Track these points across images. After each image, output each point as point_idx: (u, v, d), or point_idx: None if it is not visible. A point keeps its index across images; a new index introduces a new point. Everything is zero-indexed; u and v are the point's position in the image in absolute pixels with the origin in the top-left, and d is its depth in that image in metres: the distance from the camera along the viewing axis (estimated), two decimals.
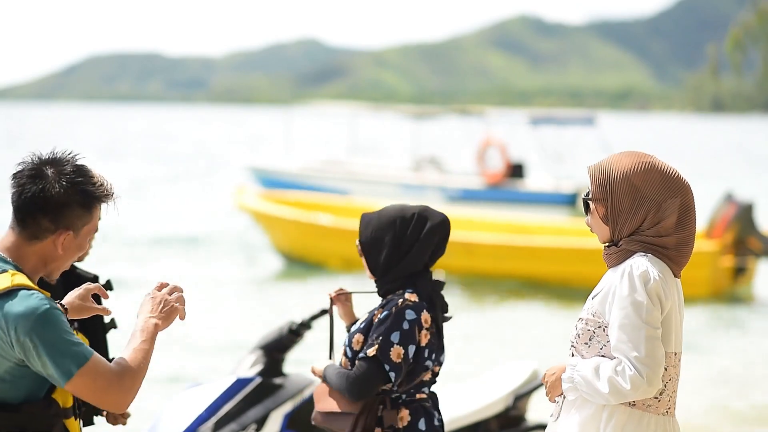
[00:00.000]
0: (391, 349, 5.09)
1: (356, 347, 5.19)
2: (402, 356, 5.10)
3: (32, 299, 3.77)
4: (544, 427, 7.74)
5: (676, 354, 4.31)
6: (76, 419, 4.00)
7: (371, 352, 5.09)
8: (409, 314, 5.13)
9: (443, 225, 5.24)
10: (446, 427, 7.44)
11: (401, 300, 5.15)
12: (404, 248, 5.21)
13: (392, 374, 5.11)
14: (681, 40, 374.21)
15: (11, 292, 3.78)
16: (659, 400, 4.29)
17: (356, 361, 5.15)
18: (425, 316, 5.15)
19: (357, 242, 5.33)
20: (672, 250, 4.29)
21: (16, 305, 3.75)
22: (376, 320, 5.17)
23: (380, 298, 5.32)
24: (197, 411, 6.82)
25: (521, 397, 7.72)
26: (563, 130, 31.70)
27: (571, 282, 18.48)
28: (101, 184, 3.93)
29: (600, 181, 4.34)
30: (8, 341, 3.78)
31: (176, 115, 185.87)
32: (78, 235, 3.91)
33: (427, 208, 5.26)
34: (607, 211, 4.33)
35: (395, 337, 5.09)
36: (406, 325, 5.11)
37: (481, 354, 14.07)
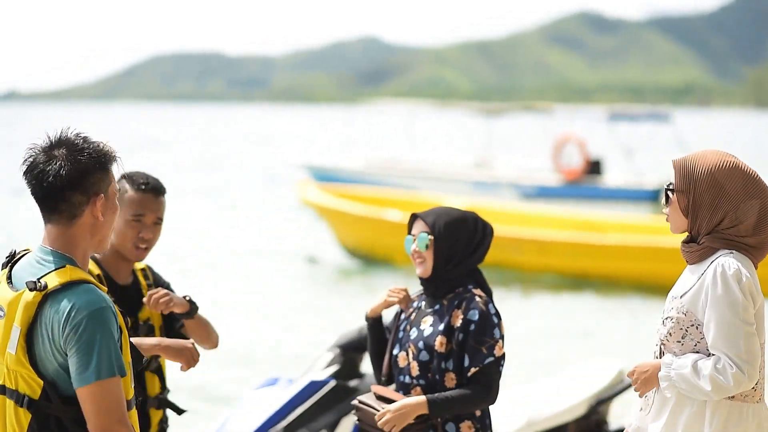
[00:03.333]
0: (497, 345, 5.05)
1: (440, 349, 5.05)
2: (502, 349, 5.09)
3: (94, 294, 3.75)
4: None
5: (762, 344, 4.42)
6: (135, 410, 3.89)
7: (499, 351, 5.04)
8: (491, 308, 5.09)
9: (493, 232, 5.32)
10: (524, 430, 7.31)
11: (477, 296, 5.10)
12: (474, 245, 5.20)
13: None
14: (742, 35, 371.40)
15: (73, 285, 3.75)
16: (755, 390, 4.40)
17: (479, 368, 5.01)
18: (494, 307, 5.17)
19: (419, 236, 5.18)
20: (753, 248, 4.40)
21: (77, 296, 3.72)
22: (462, 320, 5.06)
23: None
24: (267, 413, 6.67)
25: (604, 401, 7.44)
26: (638, 126, 31.17)
27: (646, 280, 18.23)
28: (104, 145, 3.93)
29: (684, 173, 4.43)
30: (62, 331, 3.72)
31: (236, 114, 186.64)
32: (108, 197, 3.89)
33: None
34: (688, 204, 4.43)
35: (497, 332, 5.06)
36: (495, 319, 5.08)
37: (558, 351, 13.85)
